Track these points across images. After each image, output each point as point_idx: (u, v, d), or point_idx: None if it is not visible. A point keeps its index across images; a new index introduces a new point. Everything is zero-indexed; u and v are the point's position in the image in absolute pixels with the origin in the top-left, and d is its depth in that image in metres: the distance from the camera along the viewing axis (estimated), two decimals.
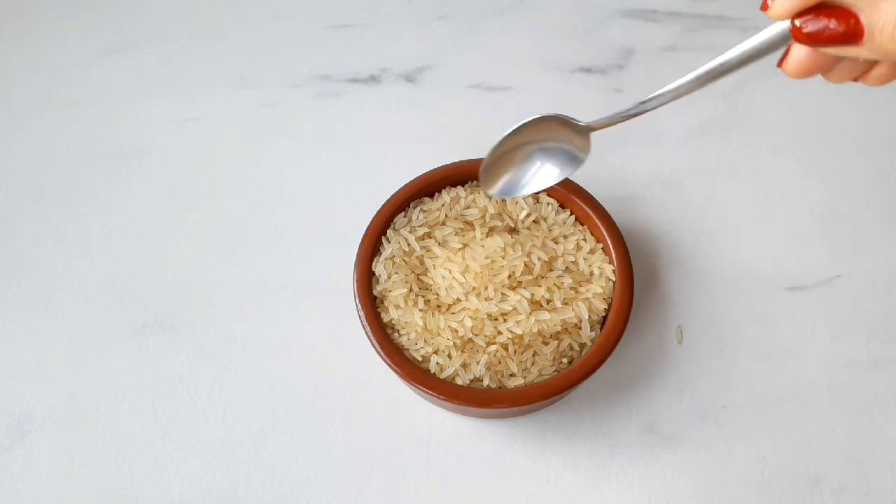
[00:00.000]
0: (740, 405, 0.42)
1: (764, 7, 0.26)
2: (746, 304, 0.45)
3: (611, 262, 0.40)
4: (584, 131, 0.34)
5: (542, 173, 0.35)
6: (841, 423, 0.42)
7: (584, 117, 0.34)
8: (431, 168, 0.42)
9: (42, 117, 0.52)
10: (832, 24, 0.25)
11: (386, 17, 0.56)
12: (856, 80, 0.28)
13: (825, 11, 0.25)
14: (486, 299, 0.38)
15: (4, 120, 0.52)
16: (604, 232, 0.41)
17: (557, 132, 0.34)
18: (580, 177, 0.42)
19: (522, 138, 0.34)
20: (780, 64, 0.28)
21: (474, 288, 0.38)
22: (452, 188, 0.43)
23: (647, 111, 0.32)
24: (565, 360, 0.39)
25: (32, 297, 0.46)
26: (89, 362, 0.43)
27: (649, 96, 0.31)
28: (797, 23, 0.26)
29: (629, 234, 0.42)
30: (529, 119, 0.34)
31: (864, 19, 0.24)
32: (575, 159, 0.35)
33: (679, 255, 0.46)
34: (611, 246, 0.40)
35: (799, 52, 0.27)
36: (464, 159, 0.42)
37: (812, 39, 0.25)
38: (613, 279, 0.40)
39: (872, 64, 0.27)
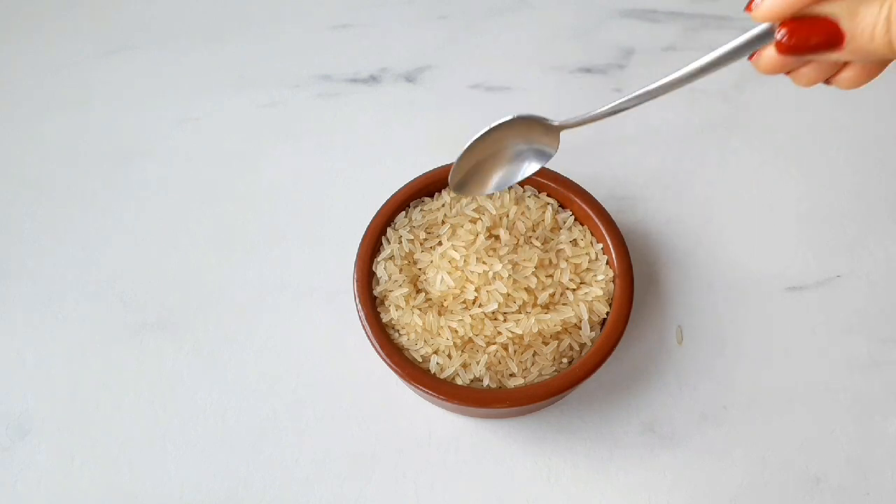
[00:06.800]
0: (740, 405, 0.42)
1: (748, 8, 0.27)
2: (746, 304, 0.45)
3: (611, 262, 0.40)
4: (555, 130, 0.35)
5: (512, 171, 0.37)
6: (841, 423, 0.42)
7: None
8: (431, 168, 0.42)
9: (42, 117, 0.52)
10: (814, 35, 0.26)
11: (386, 17, 0.56)
12: (827, 82, 0.29)
13: (806, 21, 0.26)
14: (479, 305, 0.38)
15: (4, 120, 0.52)
16: (604, 232, 0.41)
17: (529, 132, 0.35)
18: (580, 177, 0.42)
19: (495, 141, 0.36)
20: (751, 58, 0.28)
21: (475, 299, 0.39)
22: None
23: (619, 111, 0.32)
24: (565, 360, 0.39)
25: (32, 297, 0.46)
26: (89, 362, 0.43)
27: (622, 98, 0.31)
28: (778, 35, 0.26)
29: (629, 234, 0.42)
30: (502, 121, 0.35)
31: (843, 26, 0.25)
32: (544, 155, 0.36)
33: (679, 255, 0.46)
34: (611, 246, 0.40)
35: (770, 50, 0.27)
36: None
37: (794, 50, 0.26)
38: (613, 279, 0.40)
39: (841, 66, 0.28)
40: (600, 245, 0.41)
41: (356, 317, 0.39)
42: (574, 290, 0.40)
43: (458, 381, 0.37)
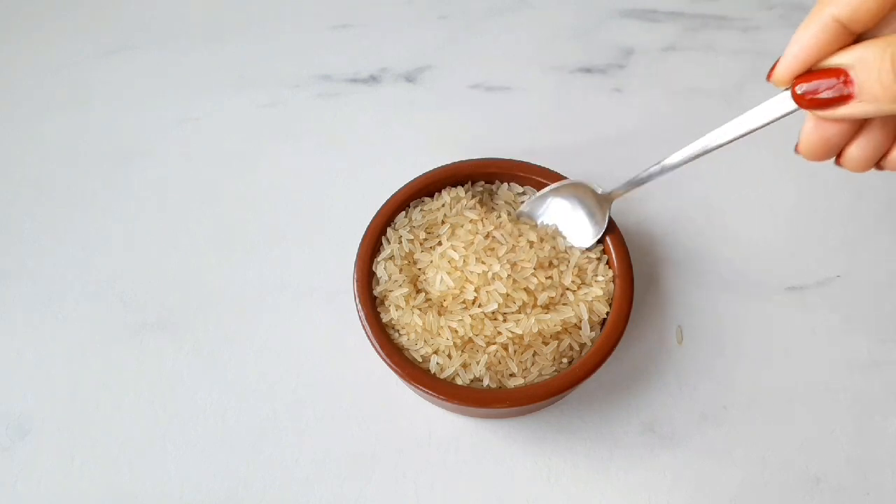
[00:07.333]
0: (740, 405, 0.42)
1: (769, 77, 0.29)
2: (746, 304, 0.45)
3: (611, 262, 0.40)
4: (605, 200, 0.39)
5: (577, 228, 0.41)
6: (841, 423, 0.42)
7: (584, 117, 0.35)
8: (431, 168, 0.42)
9: (42, 117, 0.52)
10: (826, 82, 0.27)
11: (386, 17, 0.56)
12: (879, 166, 0.30)
13: (818, 71, 0.28)
14: (479, 305, 0.38)
15: (4, 120, 0.52)
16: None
17: (588, 196, 0.40)
18: (580, 176, 0.42)
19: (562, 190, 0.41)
20: (796, 149, 0.31)
21: (475, 299, 0.39)
22: (452, 188, 0.43)
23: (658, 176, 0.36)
24: (565, 360, 0.39)
25: (32, 297, 0.46)
26: (89, 362, 0.43)
27: (663, 163, 0.36)
28: (797, 88, 0.28)
29: (629, 234, 0.42)
30: (569, 182, 0.40)
31: (852, 73, 0.26)
32: (596, 225, 0.41)
33: (679, 255, 0.46)
34: (611, 246, 0.40)
35: (807, 129, 0.30)
36: (464, 159, 0.42)
37: (812, 102, 0.28)
38: (613, 279, 0.40)
39: (889, 145, 0.29)
40: (600, 245, 0.41)
41: (356, 317, 0.39)
42: (574, 290, 0.40)
43: (458, 381, 0.37)
